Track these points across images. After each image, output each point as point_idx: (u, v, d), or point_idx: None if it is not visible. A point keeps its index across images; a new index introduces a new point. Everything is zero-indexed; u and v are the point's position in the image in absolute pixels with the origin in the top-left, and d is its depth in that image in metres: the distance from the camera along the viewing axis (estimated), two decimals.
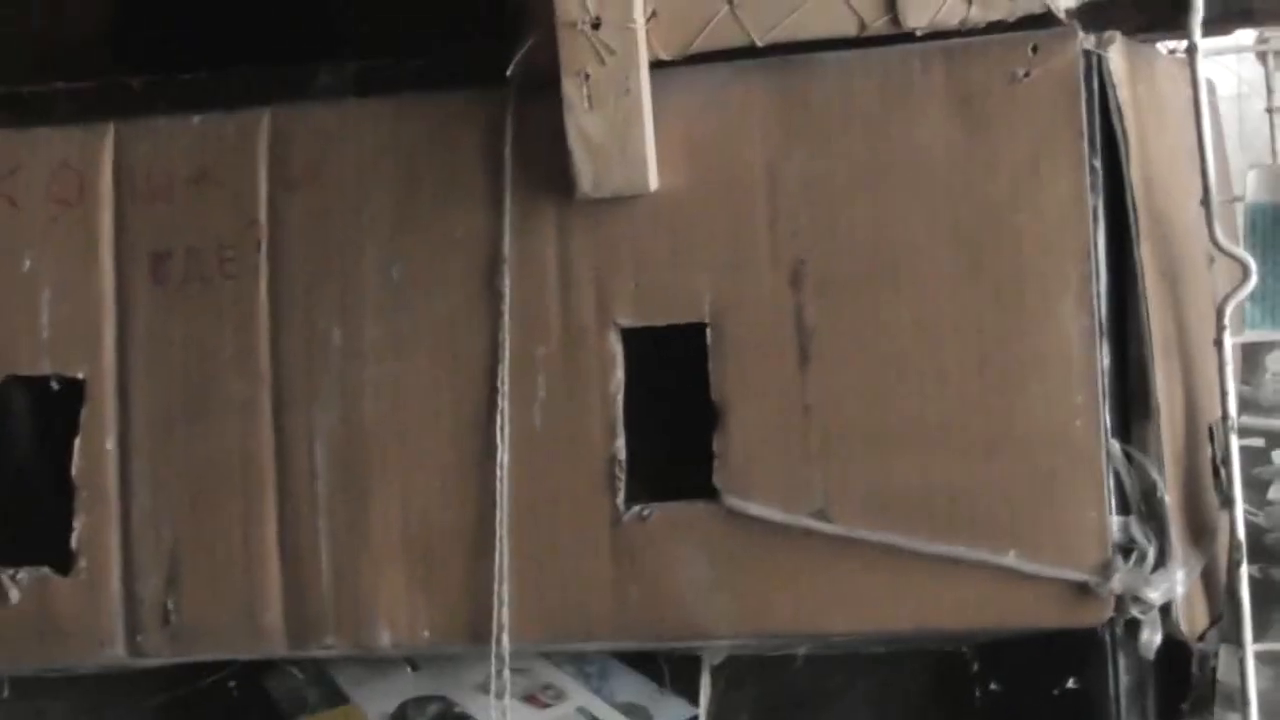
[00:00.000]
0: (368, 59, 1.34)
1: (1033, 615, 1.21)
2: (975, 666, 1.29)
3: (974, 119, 1.23)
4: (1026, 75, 1.22)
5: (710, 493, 1.25)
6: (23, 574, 1.32)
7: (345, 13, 1.50)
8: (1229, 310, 1.24)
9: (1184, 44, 1.24)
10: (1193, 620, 1.26)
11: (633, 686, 1.41)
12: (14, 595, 1.31)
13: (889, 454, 1.23)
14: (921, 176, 1.24)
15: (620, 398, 1.26)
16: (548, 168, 1.27)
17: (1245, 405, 1.28)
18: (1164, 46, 1.33)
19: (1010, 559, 1.20)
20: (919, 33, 1.24)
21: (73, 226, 1.34)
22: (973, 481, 1.21)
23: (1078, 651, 1.24)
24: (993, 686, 1.29)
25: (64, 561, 1.32)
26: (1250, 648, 1.22)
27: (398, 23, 1.46)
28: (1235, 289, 1.24)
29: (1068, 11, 1.22)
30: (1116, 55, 1.23)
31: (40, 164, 1.34)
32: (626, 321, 1.27)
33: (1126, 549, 1.20)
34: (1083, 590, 1.20)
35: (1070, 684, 1.25)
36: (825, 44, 1.25)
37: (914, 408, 1.23)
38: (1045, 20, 1.22)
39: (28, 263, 1.33)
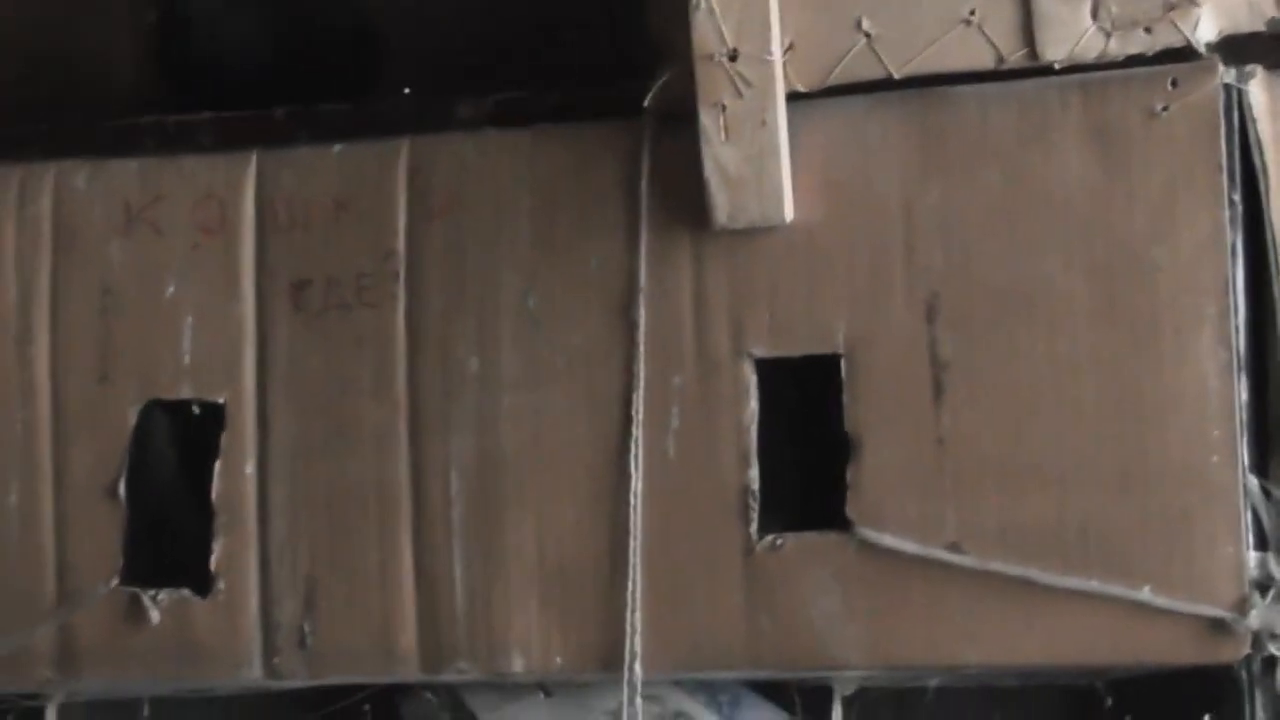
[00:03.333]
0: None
1: (1168, 651, 1.21)
2: (1109, 702, 1.29)
3: (1111, 153, 1.23)
4: (1165, 109, 1.22)
5: (843, 523, 1.25)
6: (163, 595, 1.33)
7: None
8: None
9: None
10: None
11: (764, 716, 1.41)
12: (155, 616, 1.33)
13: (1023, 488, 1.23)
14: (1058, 211, 1.24)
15: (754, 428, 1.27)
16: (683, 199, 1.27)
17: None
18: None
19: (1145, 594, 1.20)
20: (1057, 66, 1.24)
21: (215, 254, 1.35)
22: (1107, 516, 1.21)
23: (1213, 689, 1.24)
24: None
25: (203, 583, 1.33)
26: None
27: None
28: None
29: (1208, 45, 1.22)
30: (1257, 89, 1.23)
31: (184, 192, 1.36)
32: (761, 352, 1.27)
33: (1264, 585, 1.20)
34: (1219, 627, 1.19)
35: None
36: (962, 77, 1.25)
37: (1048, 442, 1.22)
38: (1185, 54, 1.22)
39: (171, 289, 1.35)
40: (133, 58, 1.54)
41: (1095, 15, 1.23)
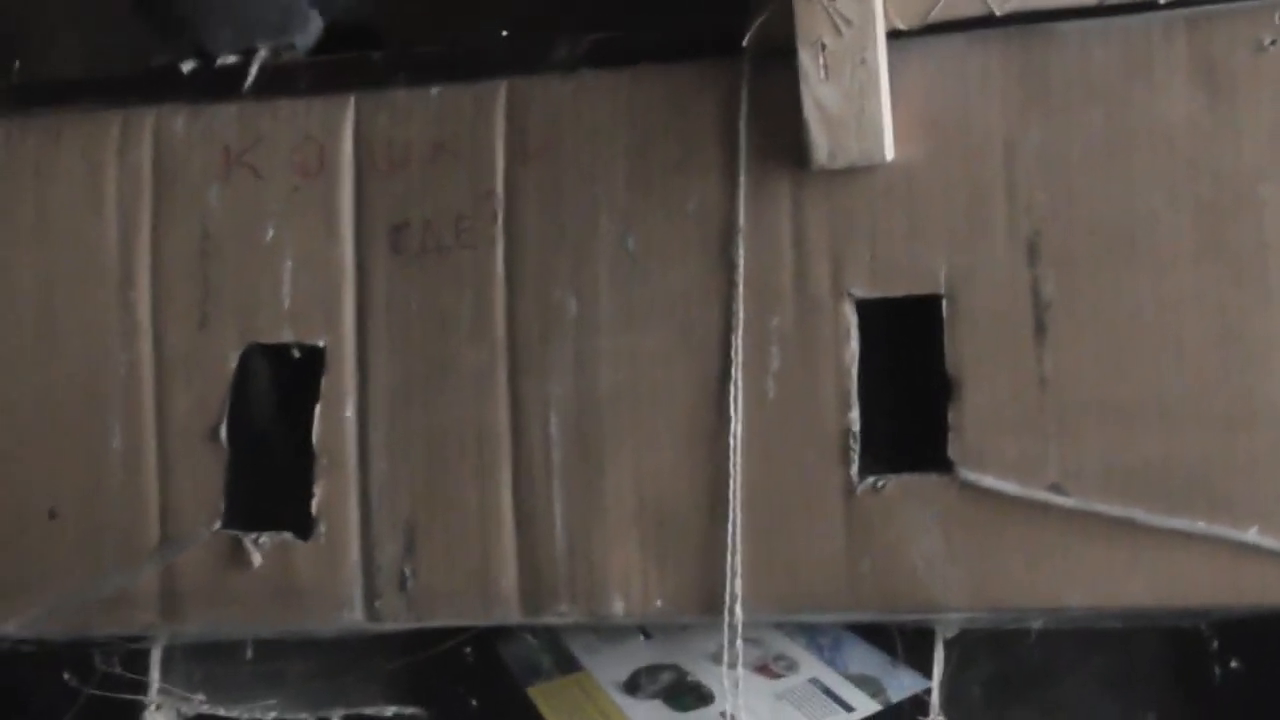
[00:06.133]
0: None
1: (1273, 593, 1.19)
2: (1215, 644, 1.28)
3: (1217, 89, 1.21)
4: (1273, 44, 1.20)
5: (944, 465, 1.24)
6: (265, 538, 1.34)
7: None
8: None
9: None
10: None
11: (865, 658, 1.41)
12: (256, 559, 1.34)
13: (1126, 428, 1.21)
14: (1162, 148, 1.22)
15: (855, 369, 1.26)
16: (782, 139, 1.27)
17: None
18: None
19: (1252, 535, 1.19)
20: (1161, 0, 1.22)
21: (314, 197, 1.36)
22: (1213, 457, 1.20)
23: None
24: (1234, 665, 1.27)
25: (304, 527, 1.34)
26: None
27: None
28: None
29: None
30: None
31: (283, 135, 1.36)
32: (861, 293, 1.26)
33: None
34: None
35: None
36: (1064, 13, 1.24)
37: (1152, 382, 1.21)
38: None
39: (271, 232, 1.36)
40: None
41: None
